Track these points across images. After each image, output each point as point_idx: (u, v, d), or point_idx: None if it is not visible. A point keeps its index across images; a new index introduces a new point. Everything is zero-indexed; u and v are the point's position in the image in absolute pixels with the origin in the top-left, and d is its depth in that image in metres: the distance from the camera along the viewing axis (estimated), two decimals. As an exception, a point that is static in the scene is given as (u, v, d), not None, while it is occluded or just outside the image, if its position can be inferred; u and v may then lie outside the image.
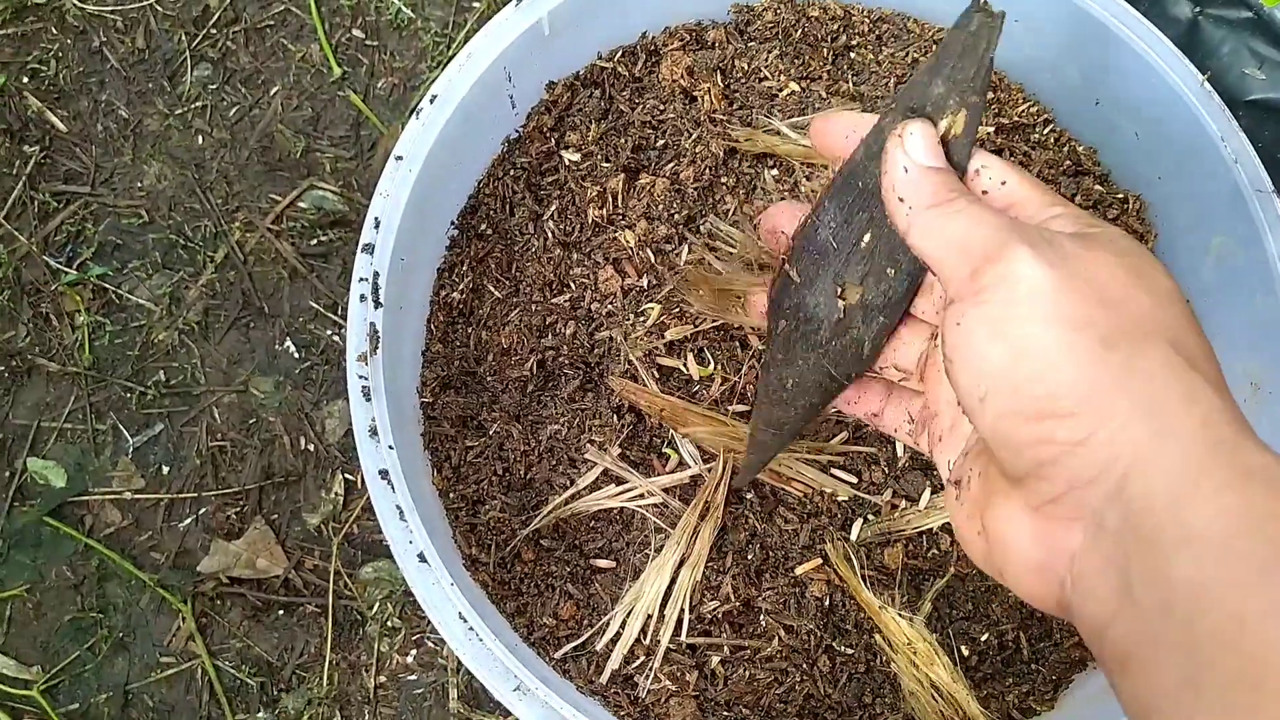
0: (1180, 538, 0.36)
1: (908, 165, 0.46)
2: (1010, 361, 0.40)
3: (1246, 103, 0.98)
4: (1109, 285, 0.41)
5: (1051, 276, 0.40)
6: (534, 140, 0.85)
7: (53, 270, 1.19)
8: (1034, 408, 0.40)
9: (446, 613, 0.67)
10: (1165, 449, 0.38)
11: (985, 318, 0.41)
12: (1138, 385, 0.39)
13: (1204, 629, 0.34)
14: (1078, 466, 0.39)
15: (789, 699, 0.74)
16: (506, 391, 0.81)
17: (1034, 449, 0.40)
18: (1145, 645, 0.37)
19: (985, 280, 0.41)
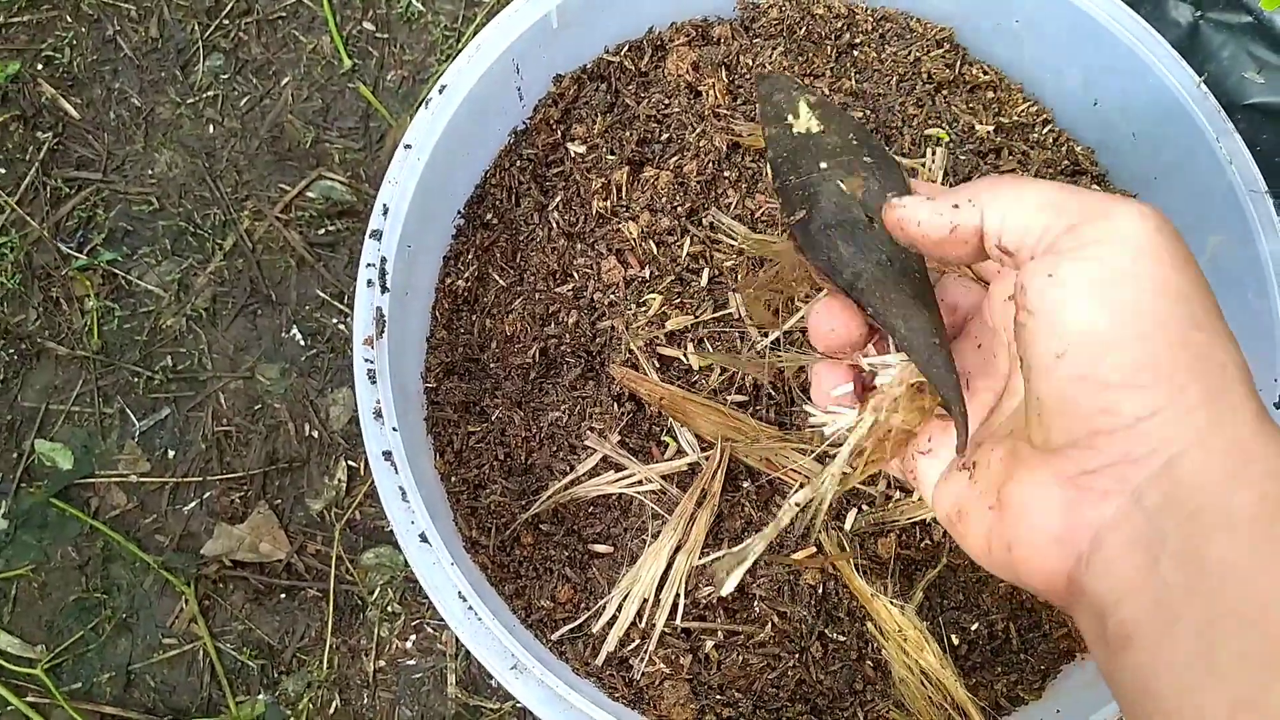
0: (1220, 520, 0.36)
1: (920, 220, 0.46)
2: (1104, 323, 0.39)
3: (1245, 106, 0.99)
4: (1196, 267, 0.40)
5: (1159, 242, 0.39)
6: (540, 132, 0.87)
7: (63, 255, 1.21)
8: (1109, 376, 0.39)
9: (446, 592, 0.68)
10: (1223, 435, 0.38)
11: (1083, 271, 0.40)
12: (1211, 371, 0.38)
13: (1227, 606, 0.35)
14: (1132, 440, 0.39)
15: (781, 684, 0.75)
16: (509, 378, 0.82)
17: (1096, 418, 0.39)
18: (1157, 620, 0.37)
19: (1088, 235, 0.40)
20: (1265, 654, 0.34)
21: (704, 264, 0.83)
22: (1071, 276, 0.40)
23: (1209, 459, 0.37)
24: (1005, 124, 0.88)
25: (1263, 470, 0.37)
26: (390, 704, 1.10)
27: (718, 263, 0.83)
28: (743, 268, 0.82)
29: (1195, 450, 0.38)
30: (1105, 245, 0.39)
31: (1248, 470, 0.37)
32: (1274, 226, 0.75)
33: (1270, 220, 0.75)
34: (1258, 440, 0.38)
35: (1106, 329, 0.39)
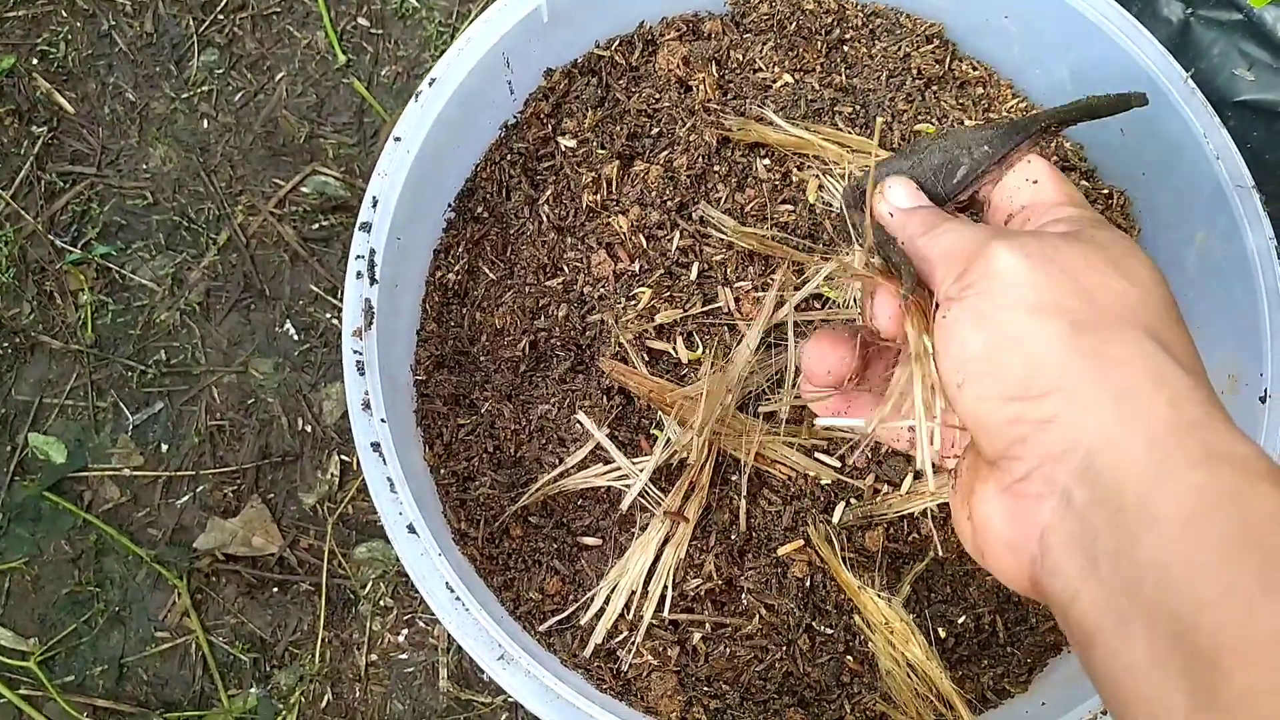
0: (1145, 517, 0.37)
1: (892, 211, 0.52)
2: (987, 347, 0.43)
3: (1235, 103, 1.00)
4: (1085, 274, 0.43)
5: (1028, 266, 0.43)
6: (531, 126, 0.87)
7: (58, 249, 1.21)
8: (1007, 390, 0.42)
9: (434, 582, 0.69)
10: (1132, 429, 0.39)
11: (967, 309, 0.44)
12: (1106, 369, 0.40)
13: (1168, 608, 0.35)
14: (1047, 443, 0.41)
15: (768, 676, 0.76)
16: (499, 371, 0.83)
17: (1007, 429, 0.42)
18: (1111, 621, 0.38)
19: (969, 278, 0.44)
20: (1210, 656, 0.34)
21: (694, 258, 0.83)
22: (959, 315, 0.44)
23: (1123, 457, 0.39)
24: (994, 119, 0.88)
25: (1180, 463, 0.38)
26: (382, 698, 1.10)
27: (707, 257, 0.83)
28: (732, 261, 0.83)
29: (1108, 447, 0.39)
30: (983, 282, 0.44)
31: (1165, 467, 0.38)
32: (1260, 221, 0.76)
33: (1257, 215, 0.76)
34: (1175, 431, 0.39)
35: (992, 351, 0.43)
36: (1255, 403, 0.74)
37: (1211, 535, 0.36)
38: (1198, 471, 0.37)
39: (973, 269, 0.44)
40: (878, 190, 0.53)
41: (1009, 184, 0.52)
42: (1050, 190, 0.51)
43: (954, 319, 0.45)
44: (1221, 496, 0.37)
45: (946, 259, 0.46)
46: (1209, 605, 0.35)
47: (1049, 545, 0.41)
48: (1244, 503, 0.36)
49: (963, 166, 0.53)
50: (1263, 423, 0.73)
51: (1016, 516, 0.43)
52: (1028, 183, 0.51)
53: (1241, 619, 0.34)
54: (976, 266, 0.44)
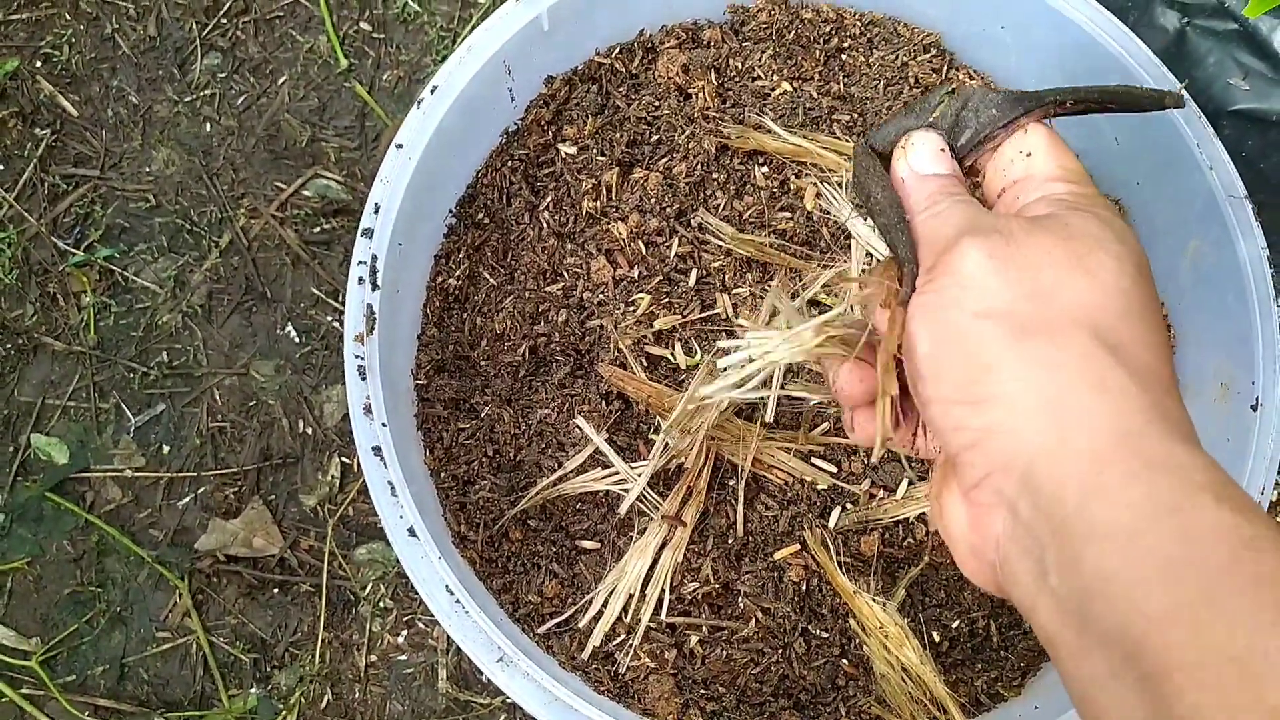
0: (1087, 531, 0.37)
1: (905, 174, 0.49)
2: (933, 346, 0.42)
3: (1231, 112, 1.00)
4: (1044, 271, 0.41)
5: (988, 267, 0.42)
6: (532, 133, 0.88)
7: (61, 251, 1.22)
8: (951, 393, 0.41)
9: (434, 585, 0.69)
10: (1069, 439, 0.38)
11: (921, 304, 0.43)
12: (1045, 375, 0.40)
13: (1118, 624, 0.35)
14: (991, 452, 0.40)
15: (765, 679, 0.76)
16: (499, 376, 0.83)
17: (954, 434, 0.42)
18: (1069, 632, 0.37)
19: (935, 272, 0.43)
20: (1160, 673, 0.34)
21: (692, 264, 0.84)
22: (914, 310, 0.44)
23: (1062, 468, 0.38)
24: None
25: (1120, 475, 0.37)
26: (381, 698, 1.11)
27: (705, 263, 0.84)
28: (730, 268, 0.83)
29: (1047, 459, 0.39)
30: (943, 278, 0.43)
31: (1103, 479, 0.37)
32: (1252, 231, 0.76)
33: (1249, 224, 0.76)
34: (1116, 441, 0.38)
35: (936, 353, 0.42)
36: (1247, 411, 0.75)
37: (1152, 551, 0.35)
38: (1136, 484, 0.37)
39: (941, 263, 0.43)
40: (901, 146, 0.50)
41: (1004, 155, 0.50)
42: (1044, 163, 0.48)
43: (911, 313, 0.44)
44: (1160, 510, 0.36)
45: (927, 246, 0.45)
46: (1154, 623, 0.34)
47: (1005, 555, 0.41)
48: (1183, 516, 0.36)
49: (968, 129, 0.50)
50: (1254, 430, 0.74)
51: (976, 523, 0.43)
52: (1021, 155, 0.49)
53: (1186, 638, 0.33)
54: (944, 261, 0.43)
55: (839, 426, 0.82)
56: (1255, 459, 0.73)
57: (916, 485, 0.81)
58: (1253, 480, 0.73)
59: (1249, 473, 0.73)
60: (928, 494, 0.79)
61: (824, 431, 0.81)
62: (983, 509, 0.42)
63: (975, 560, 0.43)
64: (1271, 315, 0.75)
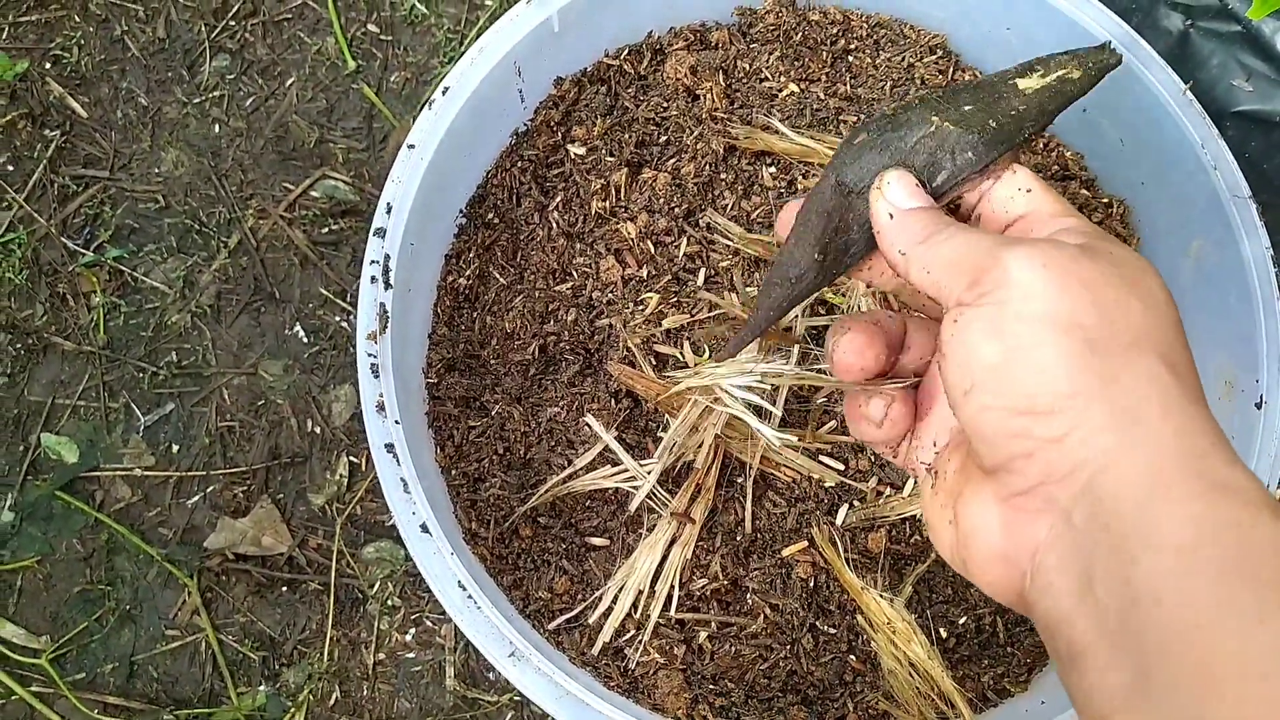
0: (1144, 542, 0.37)
1: (891, 211, 0.49)
2: (999, 357, 0.42)
3: (1234, 113, 1.01)
4: (1102, 291, 0.42)
5: (1045, 278, 0.42)
6: (541, 133, 0.89)
7: (70, 252, 1.22)
8: (1016, 403, 0.41)
9: (446, 581, 0.70)
10: (1137, 455, 0.39)
11: (981, 316, 0.43)
12: (1117, 392, 0.40)
13: (1158, 632, 0.36)
14: (1051, 462, 0.40)
15: (773, 674, 0.77)
16: (509, 374, 0.84)
17: (1011, 442, 0.42)
18: (1099, 642, 0.38)
19: (984, 286, 0.43)
20: (1201, 682, 0.34)
21: (700, 264, 0.85)
22: (973, 320, 0.43)
23: (1125, 481, 0.39)
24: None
25: (1183, 492, 0.38)
26: (390, 696, 1.12)
27: (714, 263, 0.85)
28: (738, 267, 0.84)
29: (1111, 471, 0.39)
30: (999, 291, 0.42)
31: (1168, 492, 0.38)
32: (1256, 231, 0.77)
33: (1253, 224, 0.77)
34: (1179, 460, 0.39)
35: (1003, 362, 0.42)
36: (1250, 409, 0.76)
37: (1209, 563, 0.36)
38: (1199, 501, 0.38)
39: (987, 277, 0.43)
40: (876, 188, 0.50)
41: (1000, 193, 0.50)
42: (1047, 200, 0.49)
43: (965, 324, 0.44)
44: (1220, 526, 0.37)
45: (954, 268, 0.45)
46: (1204, 632, 0.35)
47: (1042, 563, 0.41)
48: (1243, 533, 0.36)
49: (944, 171, 0.50)
50: (1258, 428, 0.75)
51: (1012, 530, 0.43)
52: (1021, 191, 0.50)
53: (1234, 646, 0.34)
54: (992, 275, 0.43)
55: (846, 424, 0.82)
56: (1260, 457, 0.74)
57: (923, 483, 0.81)
58: (1257, 477, 0.73)
59: (1254, 470, 0.74)
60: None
61: (831, 430, 0.82)
62: (1027, 516, 0.42)
63: (1002, 568, 0.44)
64: (1275, 314, 0.76)
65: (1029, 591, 0.42)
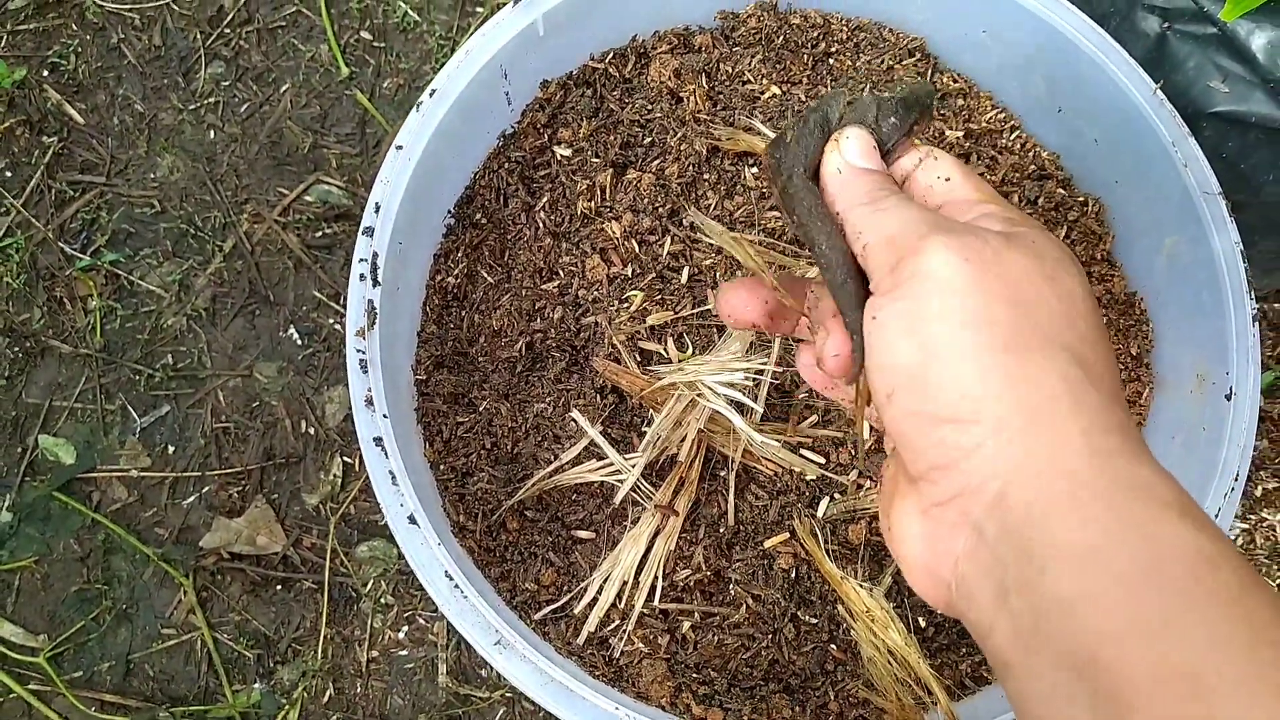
0: (1052, 551, 0.37)
1: (841, 166, 0.48)
2: (918, 360, 0.41)
3: (1211, 114, 1.03)
4: (1022, 285, 0.41)
5: (966, 272, 0.40)
6: (528, 135, 0.90)
7: (67, 256, 1.24)
8: (938, 410, 0.40)
9: (433, 570, 0.71)
10: (1044, 459, 0.38)
11: (898, 312, 0.42)
12: (1027, 392, 0.39)
13: (1069, 642, 0.35)
14: (967, 473, 0.40)
15: (755, 663, 0.79)
16: (496, 371, 0.86)
17: (930, 452, 0.41)
18: (1023, 653, 0.37)
19: (903, 274, 0.42)
20: (1113, 693, 0.34)
21: (684, 262, 0.87)
22: (890, 317, 0.42)
23: (1034, 489, 0.38)
24: (974, 130, 0.91)
25: (1088, 494, 0.37)
26: (383, 693, 1.13)
27: (697, 261, 0.86)
28: (721, 266, 0.86)
29: (1021, 480, 0.38)
30: (915, 283, 0.41)
31: (1074, 498, 0.37)
32: (1226, 226, 0.79)
33: (1222, 219, 0.79)
34: (1086, 462, 0.38)
35: (921, 365, 0.40)
36: (1221, 401, 0.77)
37: (1114, 568, 0.35)
38: (1103, 502, 0.37)
39: (908, 262, 0.42)
40: (834, 140, 0.49)
41: (920, 181, 0.49)
42: (967, 187, 0.48)
43: (884, 321, 0.42)
44: (1126, 528, 0.36)
45: (885, 243, 0.43)
46: (1110, 639, 0.34)
47: (962, 575, 0.41)
48: (1148, 533, 0.36)
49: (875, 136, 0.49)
50: (1228, 420, 0.76)
51: (932, 541, 0.42)
52: (940, 180, 0.48)
53: (1142, 653, 0.34)
54: (912, 261, 0.41)
55: (828, 419, 0.84)
56: (1229, 447, 0.76)
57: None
58: (1227, 468, 0.75)
59: (1223, 461, 0.75)
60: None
61: (813, 424, 0.83)
62: (944, 528, 0.41)
63: (928, 578, 0.43)
64: (1244, 307, 0.77)
65: (955, 601, 0.42)
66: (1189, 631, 0.33)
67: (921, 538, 0.42)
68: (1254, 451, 0.77)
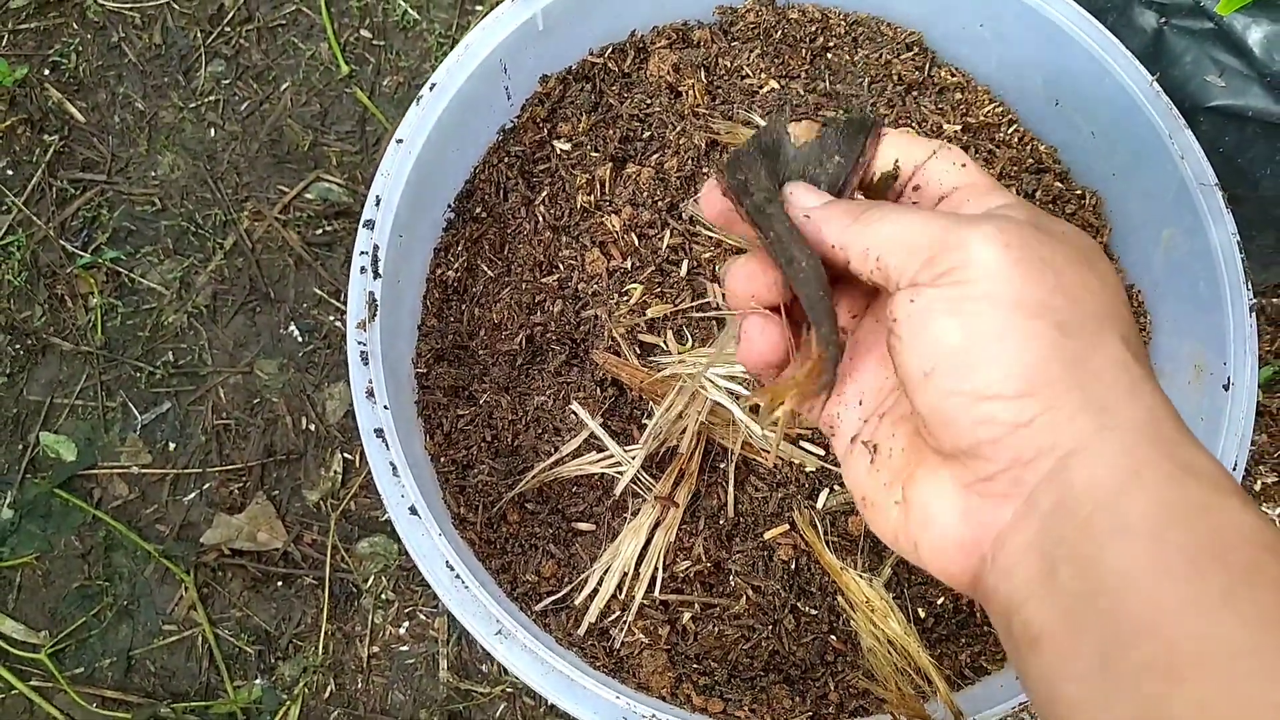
0: (1115, 526, 0.37)
1: (807, 213, 0.47)
2: (963, 341, 0.40)
3: (1208, 109, 1.03)
4: (1064, 269, 0.41)
5: (1011, 259, 0.40)
6: (528, 130, 0.91)
7: (68, 254, 1.24)
8: (982, 387, 0.40)
9: (434, 561, 0.72)
10: (1109, 440, 0.38)
11: (943, 298, 0.41)
12: (1087, 376, 0.39)
13: (1125, 615, 0.35)
14: (1019, 445, 0.40)
15: (755, 654, 0.79)
16: (496, 364, 0.86)
17: (976, 427, 0.40)
18: (1062, 627, 0.37)
19: (942, 265, 0.42)
20: (1165, 665, 0.34)
21: (683, 255, 0.87)
22: (932, 301, 0.42)
23: (1098, 465, 0.38)
24: (972, 124, 0.92)
25: (1155, 476, 0.37)
26: (384, 688, 1.13)
27: (696, 254, 0.87)
28: (720, 258, 0.86)
29: (1083, 455, 0.38)
30: (960, 271, 0.41)
31: (1139, 477, 0.38)
32: (1223, 217, 0.79)
33: (1219, 210, 0.79)
34: (1151, 445, 0.38)
35: (967, 346, 0.40)
36: (1219, 390, 0.78)
37: (1179, 547, 0.36)
38: (1170, 484, 0.37)
39: (945, 256, 0.41)
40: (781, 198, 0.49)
41: (933, 168, 0.48)
42: (980, 175, 0.47)
43: (925, 305, 0.42)
44: (1191, 510, 0.36)
45: (904, 247, 0.43)
46: (1170, 614, 0.34)
47: (1004, 547, 0.40)
48: (1212, 516, 0.36)
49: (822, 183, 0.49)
50: (1226, 410, 0.77)
51: (973, 516, 0.42)
52: (955, 165, 0.48)
53: (1202, 630, 0.34)
54: (950, 255, 0.41)
55: (826, 411, 0.84)
56: (1227, 437, 0.76)
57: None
58: (1224, 458, 0.75)
59: (1221, 450, 0.76)
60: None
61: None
62: (990, 501, 0.41)
63: (959, 552, 0.43)
64: (1241, 298, 0.78)
65: (987, 575, 0.41)
66: (1250, 613, 0.34)
67: (959, 512, 0.42)
68: (1253, 446, 0.77)
